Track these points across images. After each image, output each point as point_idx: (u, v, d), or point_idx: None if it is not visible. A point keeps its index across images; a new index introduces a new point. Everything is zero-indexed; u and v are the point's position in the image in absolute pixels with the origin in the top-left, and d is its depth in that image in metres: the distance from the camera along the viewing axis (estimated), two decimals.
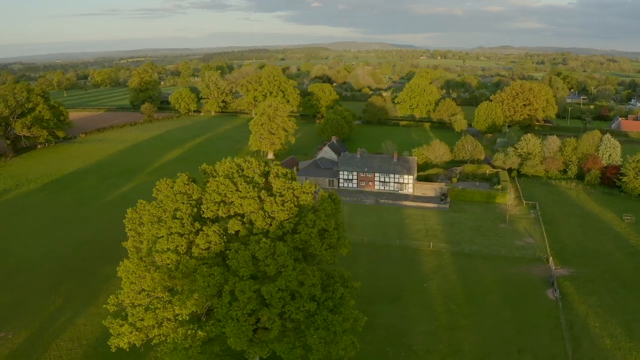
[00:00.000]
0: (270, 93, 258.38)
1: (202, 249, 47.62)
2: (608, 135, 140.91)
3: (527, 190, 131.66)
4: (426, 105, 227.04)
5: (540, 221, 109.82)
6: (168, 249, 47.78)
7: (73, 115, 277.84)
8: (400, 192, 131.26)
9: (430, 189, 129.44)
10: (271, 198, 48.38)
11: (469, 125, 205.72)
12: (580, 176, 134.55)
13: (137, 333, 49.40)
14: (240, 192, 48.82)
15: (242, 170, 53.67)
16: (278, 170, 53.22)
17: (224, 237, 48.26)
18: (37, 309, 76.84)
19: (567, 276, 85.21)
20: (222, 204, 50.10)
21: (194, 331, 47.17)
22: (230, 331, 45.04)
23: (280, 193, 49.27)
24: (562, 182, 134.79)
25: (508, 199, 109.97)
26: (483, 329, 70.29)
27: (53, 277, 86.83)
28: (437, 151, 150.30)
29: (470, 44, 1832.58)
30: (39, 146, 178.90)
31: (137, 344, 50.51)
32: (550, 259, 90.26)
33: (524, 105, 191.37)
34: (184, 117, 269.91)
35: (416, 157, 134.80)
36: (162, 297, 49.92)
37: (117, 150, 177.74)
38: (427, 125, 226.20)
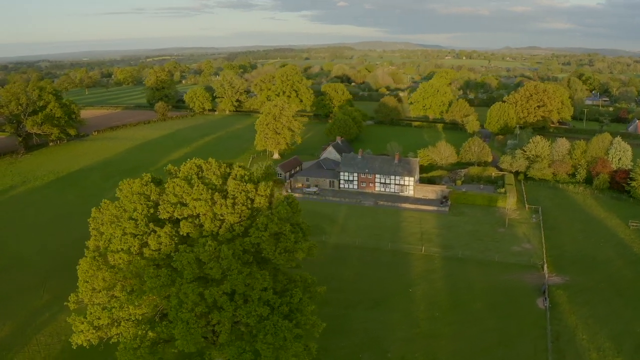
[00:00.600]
0: (283, 92, 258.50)
1: (152, 250, 47.11)
2: (618, 138, 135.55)
3: (533, 194, 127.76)
4: (439, 106, 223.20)
5: (540, 226, 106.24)
6: (121, 249, 47.31)
7: (91, 112, 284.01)
8: (400, 194, 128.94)
9: (431, 192, 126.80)
10: (223, 200, 47.41)
11: (482, 126, 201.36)
12: (589, 180, 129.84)
13: (94, 331, 49.15)
14: (193, 193, 47.99)
15: (202, 171, 52.87)
16: (238, 172, 52.17)
17: (175, 239, 47.53)
18: (23, 304, 77.84)
19: (561, 284, 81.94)
20: (178, 205, 49.37)
21: (144, 332, 46.60)
22: (178, 333, 44.29)
23: (233, 195, 48.26)
24: (569, 186, 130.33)
25: (507, 203, 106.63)
26: (464, 337, 68.02)
27: (44, 273, 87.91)
28: (443, 153, 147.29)
29: (497, 45, 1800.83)
30: (50, 144, 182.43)
31: (93, 342, 50.25)
32: (545, 266, 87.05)
33: (538, 106, 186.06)
34: (198, 116, 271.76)
35: (418, 159, 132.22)
36: (119, 296, 49.52)
37: (125, 149, 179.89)
38: (439, 126, 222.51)
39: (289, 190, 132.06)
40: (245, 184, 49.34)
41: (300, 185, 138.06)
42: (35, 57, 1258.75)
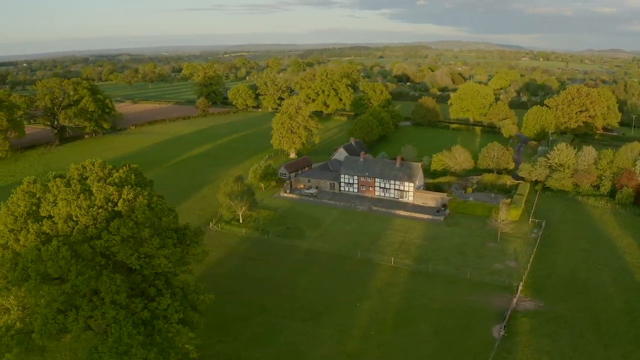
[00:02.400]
0: (323, 92, 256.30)
1: (20, 245, 46.92)
2: None
3: (546, 206, 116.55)
4: (479, 108, 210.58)
5: (537, 242, 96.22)
6: None
7: (142, 107, 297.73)
8: (400, 199, 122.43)
9: (431, 199, 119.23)
10: (81, 202, 46.11)
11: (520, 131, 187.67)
12: (613, 193, 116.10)
13: None
14: (61, 194, 47.16)
15: (86, 171, 52.04)
16: (120, 174, 50.89)
17: (42, 236, 46.91)
18: None
19: (530, 311, 73.29)
20: (54, 204, 48.77)
21: (13, 322, 46.86)
22: (35, 326, 44.20)
23: (94, 198, 46.97)
24: (590, 199, 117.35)
25: (500, 215, 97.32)
26: None
27: None
28: (457, 158, 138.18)
29: (579, 47, 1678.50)
30: (86, 136, 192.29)
31: None
32: (520, 288, 78.34)
33: (580, 111, 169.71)
34: (241, 112, 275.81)
35: (420, 164, 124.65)
36: None
37: (152, 143, 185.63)
38: (478, 129, 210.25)
39: (288, 191, 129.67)
40: (109, 187, 47.87)
41: (302, 186, 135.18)
42: (117, 51, 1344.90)
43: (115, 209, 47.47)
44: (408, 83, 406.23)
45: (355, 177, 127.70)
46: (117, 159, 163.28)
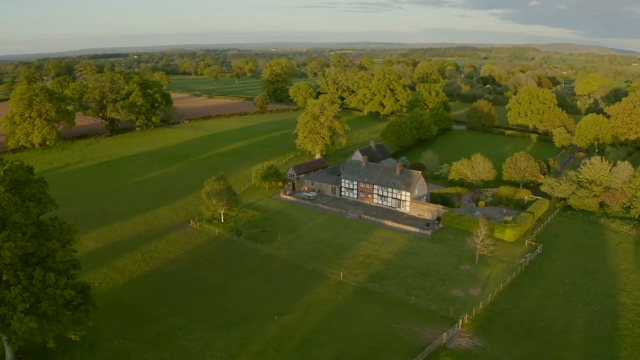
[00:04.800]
0: (379, 91, 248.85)
1: None
2: None
3: (557, 227, 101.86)
4: (537, 114, 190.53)
5: (518, 270, 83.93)
6: None
7: (210, 102, 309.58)
8: (397, 209, 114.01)
9: (426, 210, 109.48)
10: None
11: None
12: None
13: None
14: None
15: None
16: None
17: None
18: None
19: (461, 350, 63.66)
20: None
21: None
22: None
23: None
24: (615, 222, 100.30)
25: (479, 233, 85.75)
26: None
27: None
28: (475, 167, 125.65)
29: None
30: (137, 129, 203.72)
31: None
32: (461, 322, 68.54)
33: None
34: (301, 110, 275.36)
35: (420, 172, 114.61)
36: None
37: (192, 138, 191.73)
38: (534, 136, 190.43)
39: (288, 193, 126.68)
40: None
41: (306, 188, 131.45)
42: (226, 46, 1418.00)
43: None
44: (488, 85, 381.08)
45: (355, 183, 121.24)
46: (150, 151, 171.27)
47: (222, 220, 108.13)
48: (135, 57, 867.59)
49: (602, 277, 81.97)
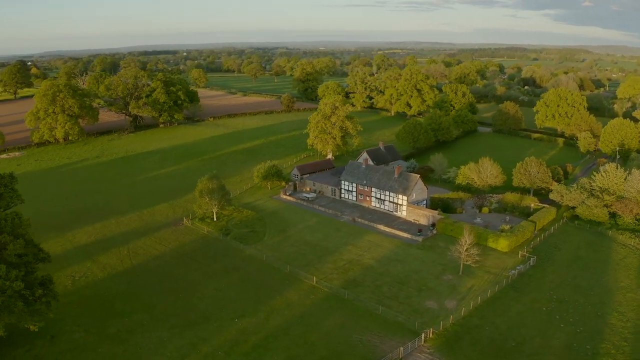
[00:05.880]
0: (406, 91, 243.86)
1: None
2: None
3: (560, 238, 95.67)
4: (565, 117, 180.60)
5: (503, 283, 79.06)
6: None
7: (242, 99, 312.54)
8: (394, 213, 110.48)
9: (422, 216, 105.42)
10: None
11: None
12: None
13: None
14: None
15: None
16: None
17: None
18: None
19: None
20: None
21: None
22: None
23: None
24: (625, 234, 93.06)
25: (464, 242, 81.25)
26: None
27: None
28: (484, 172, 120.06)
29: None
30: (161, 125, 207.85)
31: None
32: (424, 336, 65.03)
33: None
34: None
35: (418, 176, 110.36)
36: None
37: (211, 136, 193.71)
38: (560, 140, 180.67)
39: (288, 193, 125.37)
40: None
41: (308, 189, 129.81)
42: (276, 44, 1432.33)
43: None
44: (526, 87, 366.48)
45: (354, 185, 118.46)
46: (166, 148, 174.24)
47: (215, 219, 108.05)
48: (185, 54, 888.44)
49: (595, 294, 75.99)
